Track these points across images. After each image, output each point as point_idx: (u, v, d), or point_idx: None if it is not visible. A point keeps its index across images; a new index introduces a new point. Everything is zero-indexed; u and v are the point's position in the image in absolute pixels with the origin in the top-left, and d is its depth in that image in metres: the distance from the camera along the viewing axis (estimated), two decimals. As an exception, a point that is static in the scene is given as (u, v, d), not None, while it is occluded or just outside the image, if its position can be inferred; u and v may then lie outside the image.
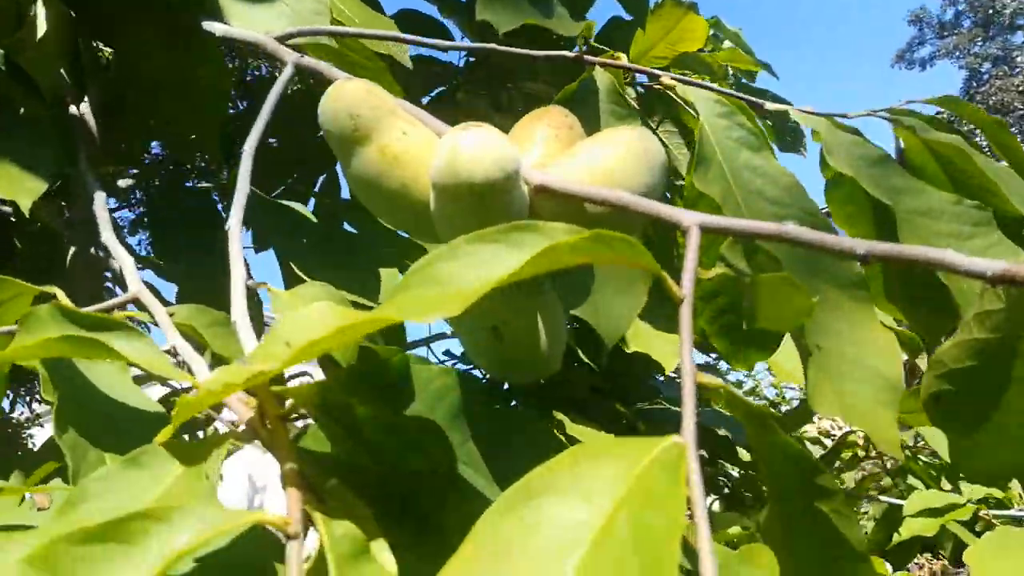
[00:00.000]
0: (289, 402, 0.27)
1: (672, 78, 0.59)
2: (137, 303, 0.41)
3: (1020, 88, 12.02)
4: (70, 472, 0.28)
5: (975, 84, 13.35)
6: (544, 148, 0.42)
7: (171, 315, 0.38)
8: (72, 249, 0.86)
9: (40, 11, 0.72)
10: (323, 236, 0.75)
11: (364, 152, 0.37)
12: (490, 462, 0.36)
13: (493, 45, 0.53)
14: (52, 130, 0.61)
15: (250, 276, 0.36)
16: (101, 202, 0.54)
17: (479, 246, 0.27)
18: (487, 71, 1.48)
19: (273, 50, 0.53)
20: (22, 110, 0.65)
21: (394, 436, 0.29)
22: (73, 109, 0.70)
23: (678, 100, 0.66)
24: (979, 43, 14.04)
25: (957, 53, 14.14)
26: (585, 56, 0.56)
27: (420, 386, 0.35)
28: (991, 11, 13.80)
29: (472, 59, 1.54)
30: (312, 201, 1.20)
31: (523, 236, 0.27)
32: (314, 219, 0.80)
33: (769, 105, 0.61)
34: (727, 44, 2.05)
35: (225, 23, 0.62)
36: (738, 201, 0.51)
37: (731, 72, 1.49)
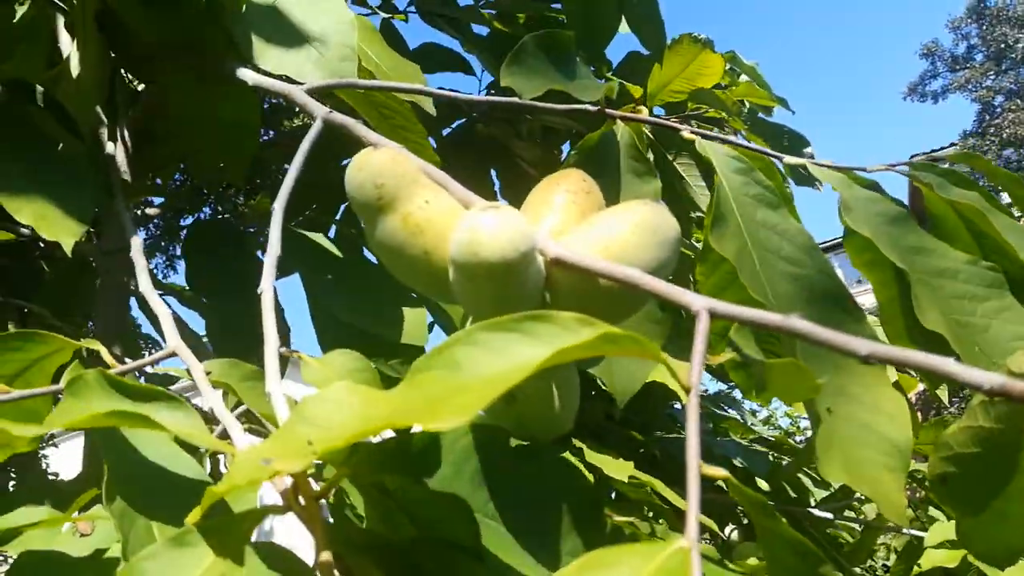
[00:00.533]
0: (321, 484, 0.28)
1: (691, 132, 0.60)
2: (175, 357, 0.43)
3: None
4: (121, 543, 0.30)
5: (988, 117, 13.23)
6: (562, 214, 0.43)
7: (207, 372, 0.40)
8: (99, 280, 0.89)
9: (74, 50, 0.74)
10: (347, 270, 0.77)
11: (388, 220, 0.39)
12: (514, 515, 0.36)
13: (516, 99, 0.55)
14: (89, 167, 0.63)
15: (285, 340, 0.37)
16: (139, 247, 0.56)
17: (495, 335, 0.28)
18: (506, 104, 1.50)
19: (303, 103, 0.55)
20: (60, 146, 0.67)
21: (423, 510, 0.30)
22: (108, 143, 0.72)
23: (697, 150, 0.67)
24: (992, 76, 13.93)
25: (970, 86, 14.04)
26: (607, 110, 0.58)
27: (447, 447, 0.36)
28: (1003, 45, 13.69)
29: (492, 92, 1.56)
30: (333, 228, 1.22)
31: (537, 327, 0.28)
32: (337, 251, 0.82)
33: (788, 159, 0.62)
34: (744, 78, 2.06)
35: (256, 65, 0.64)
36: (754, 260, 0.52)
37: (748, 106, 1.50)
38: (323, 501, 0.31)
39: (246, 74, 0.61)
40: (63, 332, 0.97)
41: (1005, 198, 0.73)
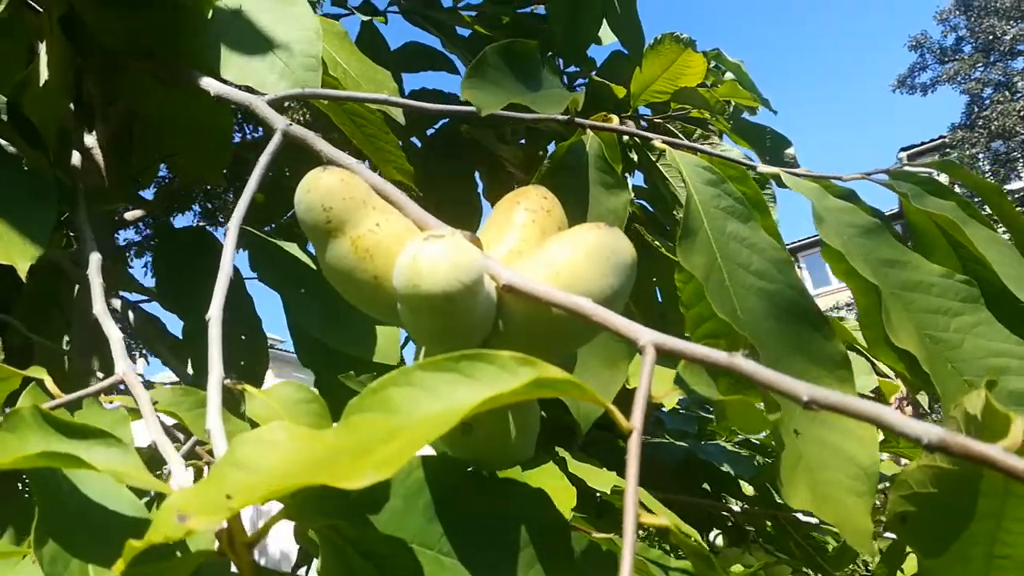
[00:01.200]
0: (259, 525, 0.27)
1: (663, 141, 0.58)
2: (124, 386, 0.41)
3: (1022, 113, 11.88)
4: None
5: (977, 109, 13.23)
6: (521, 233, 0.42)
7: (154, 401, 0.39)
8: (77, 287, 0.88)
9: (42, 54, 0.73)
10: (320, 284, 0.75)
11: (337, 244, 0.38)
12: (470, 550, 0.35)
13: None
14: (51, 181, 0.62)
15: (232, 373, 0.36)
16: (96, 266, 0.54)
17: (432, 375, 0.27)
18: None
19: (264, 115, 0.53)
20: (23, 160, 0.66)
21: (374, 548, 0.29)
22: (74, 153, 0.70)
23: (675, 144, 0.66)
24: (980, 68, 13.92)
25: (959, 78, 14.03)
26: (576, 120, 0.56)
27: (397, 480, 0.35)
28: (991, 37, 13.68)
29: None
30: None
31: (475, 367, 0.27)
32: (310, 263, 0.81)
33: (761, 168, 0.61)
34: (728, 76, 2.05)
35: (220, 72, 0.62)
36: (723, 274, 0.51)
37: (733, 105, 1.49)
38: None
39: (209, 83, 0.60)
40: (38, 346, 0.95)
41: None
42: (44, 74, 0.73)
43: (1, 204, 0.56)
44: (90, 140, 0.89)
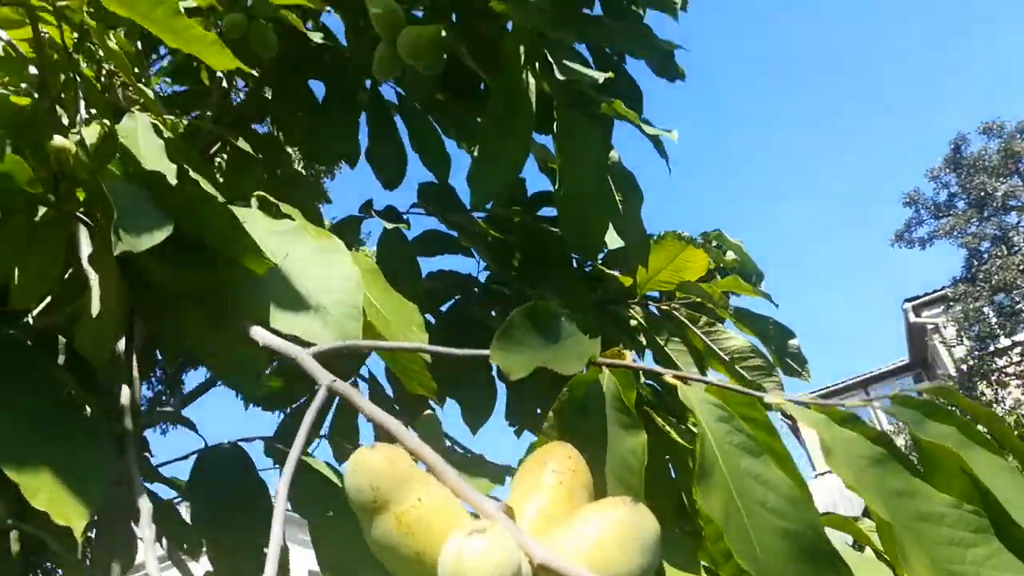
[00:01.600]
0: None
1: (675, 375, 0.63)
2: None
3: (1022, 267, 12.17)
4: None
5: (976, 263, 13.56)
6: (550, 495, 0.45)
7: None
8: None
9: (95, 287, 0.80)
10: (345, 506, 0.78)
11: (382, 521, 0.41)
12: None
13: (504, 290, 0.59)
14: (104, 423, 0.66)
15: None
16: (147, 517, 0.57)
17: None
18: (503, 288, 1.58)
19: (310, 369, 0.59)
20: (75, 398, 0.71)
21: None
22: (123, 390, 0.75)
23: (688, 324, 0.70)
24: (975, 223, 14.40)
25: (955, 233, 14.49)
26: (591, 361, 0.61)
27: None
28: (983, 193, 14.28)
29: (488, 272, 1.65)
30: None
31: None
32: (335, 479, 0.83)
33: (767, 398, 0.64)
34: (730, 255, 2.16)
35: (270, 322, 0.69)
36: (741, 513, 0.53)
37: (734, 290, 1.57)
38: None
39: (259, 333, 0.66)
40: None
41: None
42: (96, 307, 0.80)
43: (52, 449, 0.60)
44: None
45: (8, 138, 1.33)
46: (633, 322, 1.58)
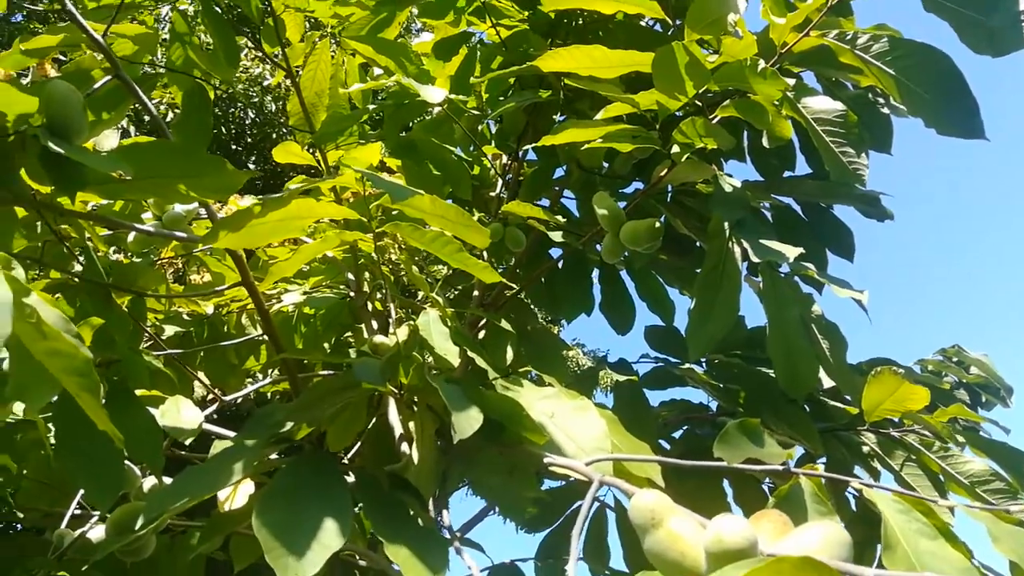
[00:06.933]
0: None
1: (860, 483, 0.85)
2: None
3: None
4: None
5: None
6: (768, 534, 0.70)
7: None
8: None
9: (414, 451, 1.17)
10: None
11: (656, 533, 0.68)
12: None
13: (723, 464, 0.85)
14: (437, 532, 1.00)
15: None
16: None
17: None
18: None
19: (587, 472, 0.89)
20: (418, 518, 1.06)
21: None
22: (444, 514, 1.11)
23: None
24: None
25: None
26: (791, 468, 0.86)
27: None
28: None
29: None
30: None
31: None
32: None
33: (941, 502, 0.84)
34: (974, 371, 2.20)
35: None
36: (922, 579, 0.74)
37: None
38: None
39: (551, 459, 0.99)
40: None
41: None
42: (416, 458, 1.17)
43: (410, 541, 0.92)
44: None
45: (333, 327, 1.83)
46: (865, 448, 1.71)
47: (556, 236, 1.65)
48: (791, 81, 1.40)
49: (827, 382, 1.68)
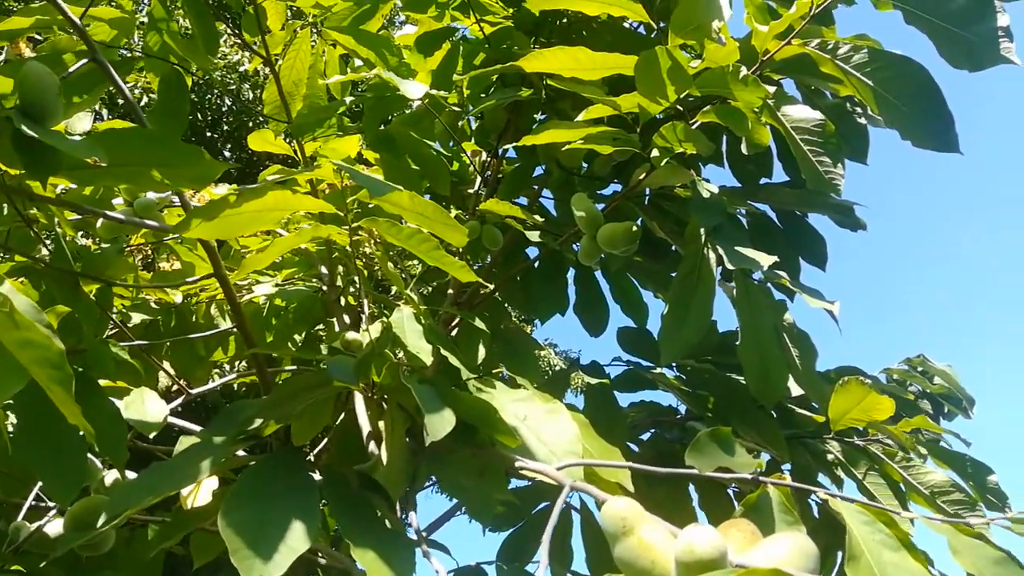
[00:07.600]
0: None
1: (826, 493, 0.87)
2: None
3: None
4: None
5: None
6: (737, 544, 0.71)
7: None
8: None
9: (383, 450, 1.16)
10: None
11: (627, 540, 0.68)
12: None
13: (694, 472, 0.86)
14: (404, 535, 1.00)
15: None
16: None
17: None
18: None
19: (558, 478, 0.89)
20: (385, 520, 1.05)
21: None
22: (412, 515, 1.11)
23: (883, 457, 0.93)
24: None
25: None
26: (760, 478, 0.87)
27: None
28: None
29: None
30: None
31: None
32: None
33: (904, 514, 0.85)
34: (937, 381, 2.25)
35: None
36: (884, 591, 0.75)
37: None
38: None
39: (521, 463, 0.99)
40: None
41: None
42: (384, 459, 1.16)
43: (374, 543, 0.92)
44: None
45: (304, 321, 1.82)
46: (830, 456, 1.74)
47: (533, 236, 1.65)
48: (771, 89, 1.42)
49: (795, 390, 1.71)
